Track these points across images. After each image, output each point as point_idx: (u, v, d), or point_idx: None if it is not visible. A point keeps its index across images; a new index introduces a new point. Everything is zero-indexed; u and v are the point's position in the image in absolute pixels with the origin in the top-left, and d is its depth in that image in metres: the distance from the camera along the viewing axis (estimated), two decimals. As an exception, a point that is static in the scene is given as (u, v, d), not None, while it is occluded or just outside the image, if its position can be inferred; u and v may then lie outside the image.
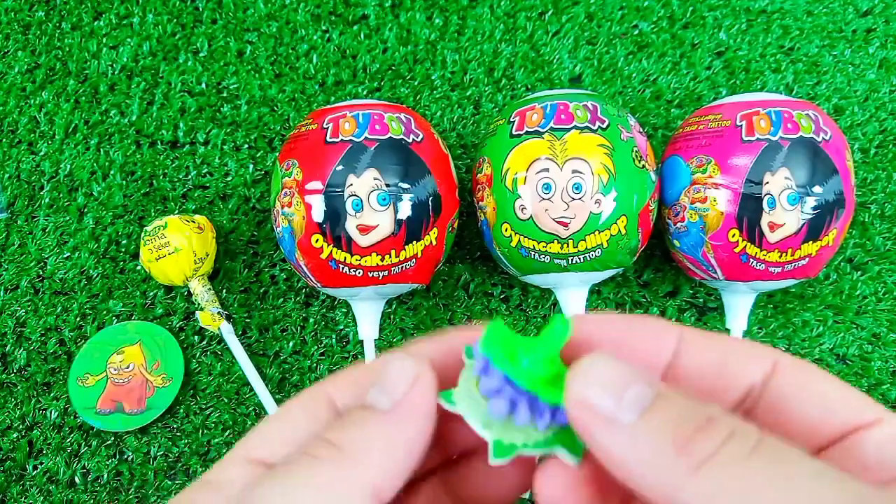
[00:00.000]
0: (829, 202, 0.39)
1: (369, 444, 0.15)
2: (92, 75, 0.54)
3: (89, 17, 0.55)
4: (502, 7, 0.55)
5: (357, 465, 0.15)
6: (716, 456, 0.13)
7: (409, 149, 0.40)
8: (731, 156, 0.39)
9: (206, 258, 0.46)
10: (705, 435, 0.13)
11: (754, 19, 0.55)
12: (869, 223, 0.49)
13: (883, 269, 0.48)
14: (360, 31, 0.55)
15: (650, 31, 0.54)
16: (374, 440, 0.15)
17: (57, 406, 0.46)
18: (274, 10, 0.55)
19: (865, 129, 0.52)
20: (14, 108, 0.53)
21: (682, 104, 0.52)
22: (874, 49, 0.54)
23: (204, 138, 0.52)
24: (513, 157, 0.40)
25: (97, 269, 0.49)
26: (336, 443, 0.15)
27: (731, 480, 0.13)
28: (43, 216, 0.50)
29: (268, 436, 0.17)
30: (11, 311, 0.48)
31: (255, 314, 0.48)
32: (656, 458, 0.13)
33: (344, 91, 0.53)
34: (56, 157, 0.52)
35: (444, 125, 0.52)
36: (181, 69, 0.54)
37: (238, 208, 0.50)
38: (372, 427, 0.15)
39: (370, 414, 0.16)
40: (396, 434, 0.15)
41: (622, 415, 0.14)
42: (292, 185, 0.40)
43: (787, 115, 0.39)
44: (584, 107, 0.40)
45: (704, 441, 0.13)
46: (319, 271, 0.41)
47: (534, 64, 0.54)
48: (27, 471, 0.45)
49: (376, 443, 0.15)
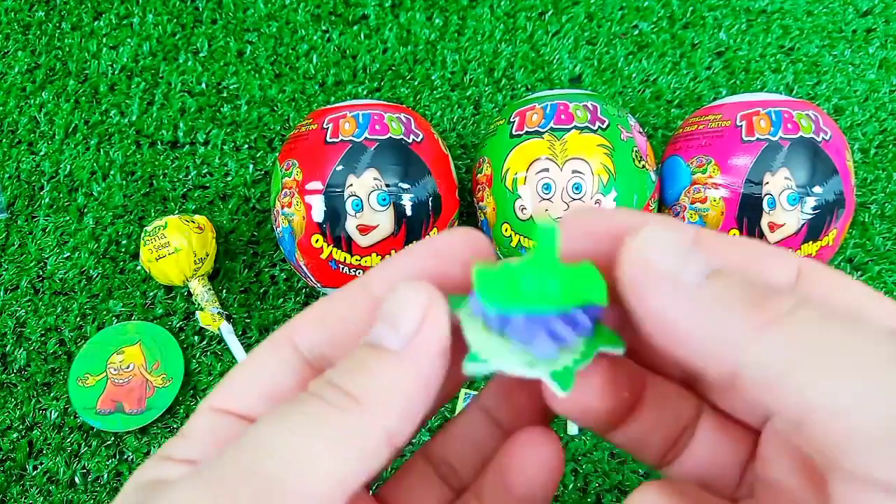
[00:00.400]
0: (829, 202, 0.39)
1: (385, 392, 0.14)
2: (92, 75, 0.54)
3: (89, 17, 0.55)
4: (502, 7, 0.55)
5: (373, 415, 0.13)
6: (790, 314, 0.12)
7: (409, 149, 0.40)
8: (731, 156, 0.39)
9: (206, 258, 0.46)
10: (778, 296, 0.12)
11: (754, 19, 0.55)
12: (869, 223, 0.49)
13: (883, 269, 0.48)
14: (360, 31, 0.55)
15: (650, 31, 0.54)
16: (390, 387, 0.14)
17: (57, 406, 0.46)
18: (274, 10, 0.55)
19: (865, 129, 0.52)
20: (14, 108, 0.53)
21: (682, 104, 0.52)
22: (874, 49, 0.54)
23: (204, 138, 0.52)
24: (513, 157, 0.40)
25: (97, 269, 0.49)
26: (348, 390, 0.14)
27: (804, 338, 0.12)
28: (43, 216, 0.50)
29: (234, 386, 0.16)
30: (11, 311, 0.48)
31: (255, 314, 0.48)
32: (724, 315, 0.13)
33: (344, 91, 0.53)
34: (56, 157, 0.52)
35: (444, 125, 0.52)
36: (181, 69, 0.54)
37: (238, 208, 0.50)
38: (385, 371, 0.14)
39: (381, 356, 0.14)
40: (412, 378, 0.14)
41: (687, 274, 0.13)
42: (292, 185, 0.40)
43: (787, 115, 0.39)
44: (584, 107, 0.40)
45: (778, 300, 0.12)
46: (319, 271, 0.41)
47: (534, 64, 0.54)
48: (27, 471, 0.45)
49: (392, 390, 0.14)
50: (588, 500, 0.43)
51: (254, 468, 0.13)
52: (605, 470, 0.44)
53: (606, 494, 0.43)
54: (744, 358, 0.12)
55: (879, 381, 0.11)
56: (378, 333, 0.14)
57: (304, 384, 0.15)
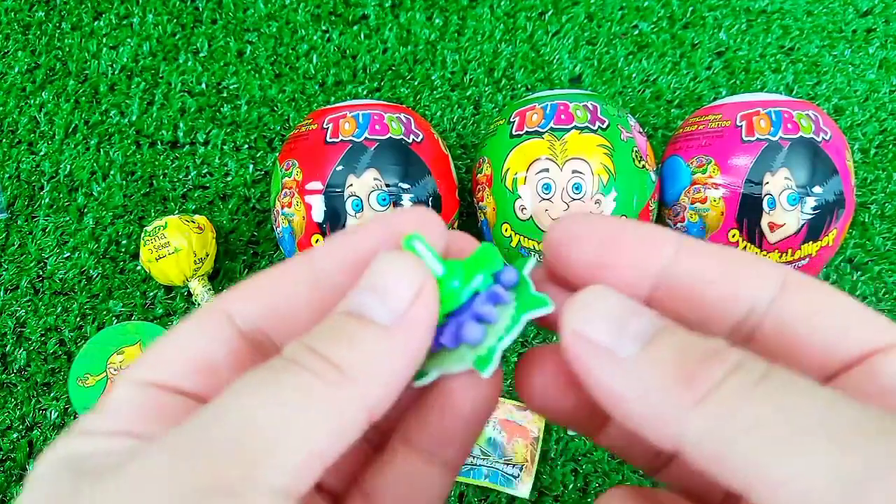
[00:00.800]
0: (829, 202, 0.39)
1: (371, 366, 0.13)
2: (92, 75, 0.54)
3: (89, 17, 0.55)
4: (502, 7, 0.55)
5: (357, 388, 0.13)
6: (720, 387, 0.12)
7: (409, 149, 0.40)
8: (731, 156, 0.39)
9: (206, 258, 0.46)
10: (709, 366, 0.12)
11: (754, 19, 0.55)
12: (869, 223, 0.49)
13: (883, 270, 0.48)
14: (360, 31, 0.55)
15: (650, 31, 0.54)
16: (377, 361, 0.13)
17: (57, 406, 0.46)
18: (274, 10, 0.55)
19: (865, 129, 0.52)
20: (14, 108, 0.53)
21: (682, 104, 0.52)
22: (874, 49, 0.54)
23: (204, 138, 0.52)
24: (513, 157, 0.40)
25: (97, 269, 0.49)
26: (332, 359, 0.13)
27: (736, 412, 0.12)
28: (43, 216, 0.50)
29: (160, 357, 0.15)
30: (11, 311, 0.48)
31: (255, 314, 0.48)
32: (657, 392, 0.12)
33: (344, 91, 0.53)
34: (56, 157, 0.52)
35: (444, 125, 0.52)
36: (181, 69, 0.54)
37: (238, 208, 0.50)
38: (372, 345, 0.13)
39: (366, 327, 0.14)
40: (399, 353, 0.14)
41: (622, 348, 0.13)
42: (292, 185, 0.40)
43: (787, 116, 0.39)
44: (584, 107, 0.40)
45: (709, 372, 0.12)
46: (319, 271, 0.41)
47: (534, 64, 0.54)
48: (27, 471, 0.44)
49: (379, 364, 0.13)
50: (588, 500, 0.43)
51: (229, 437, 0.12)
52: (605, 470, 0.44)
53: (606, 494, 0.43)
54: (681, 433, 0.12)
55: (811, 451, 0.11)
56: (362, 302, 0.14)
57: (238, 355, 0.15)
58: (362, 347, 0.13)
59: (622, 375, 0.13)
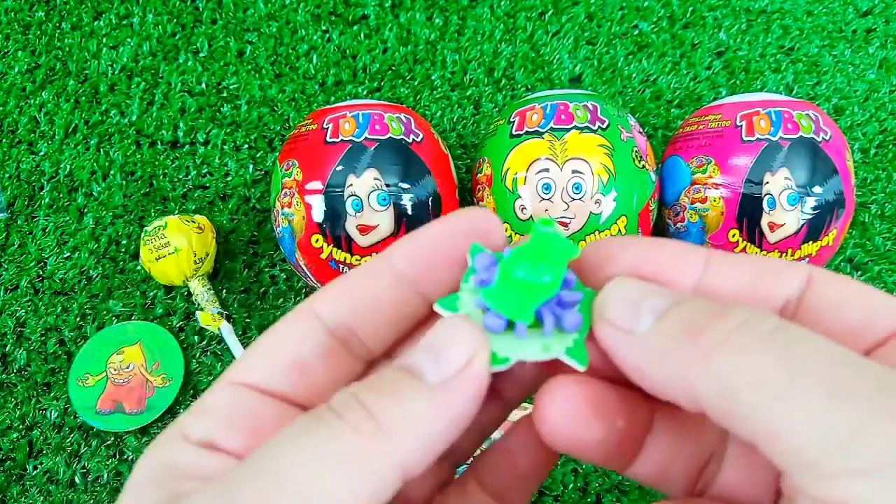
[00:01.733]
0: (829, 202, 0.39)
1: (409, 423, 0.13)
2: (92, 75, 0.54)
3: (89, 17, 0.55)
4: (502, 7, 0.55)
5: (393, 443, 0.13)
6: (728, 340, 0.12)
7: (409, 149, 0.40)
8: (731, 156, 0.39)
9: (206, 258, 0.46)
10: (717, 323, 0.13)
11: (754, 19, 0.55)
12: (869, 223, 0.49)
13: (883, 270, 0.48)
14: (360, 31, 0.55)
15: (650, 31, 0.54)
16: (416, 419, 0.13)
17: (57, 406, 0.46)
18: (274, 10, 0.55)
19: (865, 129, 0.52)
20: (14, 108, 0.53)
21: (682, 104, 0.52)
22: (874, 49, 0.54)
23: (204, 138, 0.52)
24: (513, 157, 0.40)
25: (97, 269, 0.49)
26: (372, 411, 0.13)
27: (741, 366, 0.12)
28: (43, 216, 0.50)
29: (255, 359, 0.16)
30: (11, 311, 0.48)
31: (255, 314, 0.48)
32: (671, 354, 0.13)
33: (344, 91, 0.53)
34: (56, 157, 0.52)
35: (444, 125, 0.52)
36: (181, 69, 0.54)
37: (238, 208, 0.50)
38: (415, 403, 0.13)
39: (414, 385, 0.14)
40: (441, 416, 0.14)
41: (639, 324, 0.14)
42: (292, 185, 0.40)
43: (787, 115, 0.39)
44: (584, 107, 0.40)
45: (716, 328, 0.13)
46: (319, 271, 0.41)
47: (534, 64, 0.54)
48: (27, 471, 0.45)
49: (417, 422, 0.13)
50: (588, 500, 0.43)
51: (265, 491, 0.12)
52: (605, 470, 0.44)
53: (606, 494, 0.43)
54: (696, 390, 0.13)
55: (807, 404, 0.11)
56: (416, 361, 0.14)
57: (328, 353, 0.16)
58: (404, 402, 0.13)
59: (640, 347, 0.14)
